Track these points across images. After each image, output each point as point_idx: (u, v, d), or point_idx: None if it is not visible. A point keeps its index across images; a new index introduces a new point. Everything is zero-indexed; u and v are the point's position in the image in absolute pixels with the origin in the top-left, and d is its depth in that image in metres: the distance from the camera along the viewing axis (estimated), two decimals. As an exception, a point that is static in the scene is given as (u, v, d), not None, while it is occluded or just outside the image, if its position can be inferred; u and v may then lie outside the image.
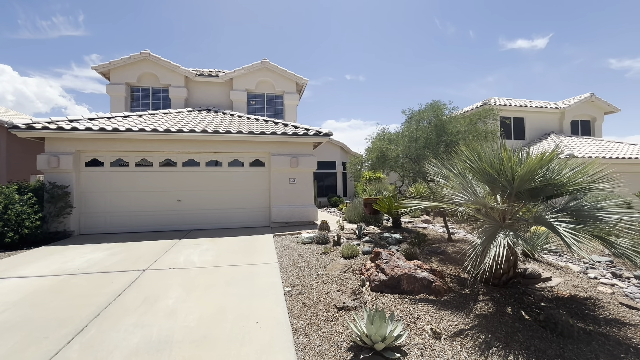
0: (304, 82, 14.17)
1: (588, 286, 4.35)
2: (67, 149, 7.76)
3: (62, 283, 4.28)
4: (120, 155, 8.28)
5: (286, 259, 5.33)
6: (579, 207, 3.20)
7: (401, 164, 6.69)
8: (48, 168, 7.54)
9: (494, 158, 3.64)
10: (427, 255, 5.33)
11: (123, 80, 12.50)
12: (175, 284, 4.24)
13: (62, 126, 7.47)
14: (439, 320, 3.19)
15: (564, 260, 5.76)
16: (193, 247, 6.34)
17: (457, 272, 4.61)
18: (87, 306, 3.52)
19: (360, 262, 4.89)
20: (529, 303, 3.65)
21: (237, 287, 4.10)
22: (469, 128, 6.28)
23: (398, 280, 3.84)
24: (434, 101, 6.62)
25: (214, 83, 13.58)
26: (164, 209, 8.45)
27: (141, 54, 12.41)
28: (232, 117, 11.02)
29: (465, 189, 3.70)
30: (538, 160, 3.18)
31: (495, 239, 3.26)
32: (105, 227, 8.04)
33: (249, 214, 9.00)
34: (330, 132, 9.14)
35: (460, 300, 3.66)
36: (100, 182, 8.12)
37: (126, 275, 4.59)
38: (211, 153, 8.81)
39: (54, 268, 4.94)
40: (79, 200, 7.89)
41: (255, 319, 3.24)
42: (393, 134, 7.15)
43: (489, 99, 15.82)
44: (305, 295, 3.83)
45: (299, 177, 9.15)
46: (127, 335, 2.91)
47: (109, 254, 5.84)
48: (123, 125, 8.02)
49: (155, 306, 3.53)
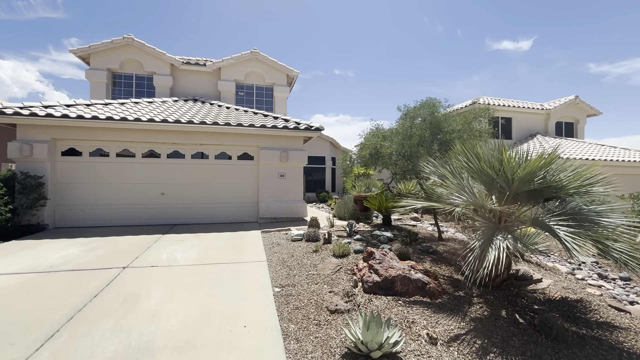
0: (294, 75, 13.86)
1: (577, 287, 4.38)
2: (42, 137, 7.26)
3: (33, 282, 3.97)
4: (100, 144, 7.83)
5: (275, 257, 5.15)
6: (578, 211, 3.16)
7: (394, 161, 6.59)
8: (20, 157, 7.04)
9: (493, 158, 3.55)
10: (420, 254, 5.26)
11: (104, 65, 11.85)
12: (158, 283, 4.00)
13: (35, 112, 6.97)
14: (434, 325, 3.11)
15: (551, 260, 5.82)
16: (177, 243, 6.07)
17: (450, 272, 4.55)
18: (59, 308, 3.25)
19: (352, 262, 4.77)
20: (523, 306, 3.62)
21: (224, 287, 3.90)
22: (464, 127, 6.22)
23: (392, 282, 3.74)
24: (429, 98, 6.52)
25: (202, 72, 13.09)
26: (147, 203, 8.09)
27: (124, 38, 11.78)
28: (220, 108, 10.65)
29: (463, 189, 3.60)
30: (539, 162, 3.10)
31: (494, 241, 3.19)
32: (83, 221, 7.61)
33: (236, 209, 8.74)
34: (322, 127, 8.95)
35: (454, 303, 3.59)
36: (78, 173, 7.66)
37: (105, 273, 4.31)
38: (197, 145, 8.47)
39: (23, 265, 4.59)
40: (55, 192, 7.43)
41: (243, 322, 3.06)
42: (387, 130, 7.02)
43: (478, 98, 15.92)
44: (295, 297, 3.67)
45: (289, 172, 8.93)
46: (102, 342, 2.68)
47: (86, 249, 5.50)
48: (103, 113, 7.57)
49: (135, 308, 3.30)
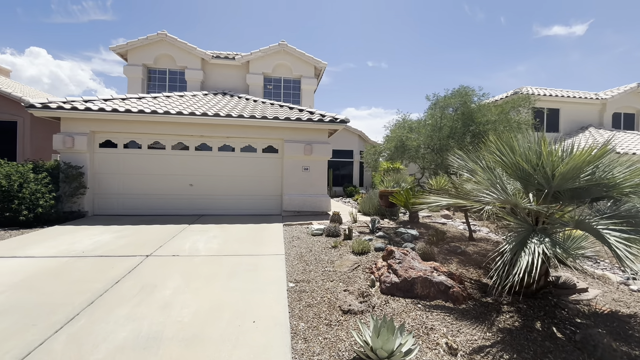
0: (322, 66, 13.62)
1: (631, 300, 3.82)
2: (82, 130, 7.75)
3: (65, 266, 4.21)
4: (133, 137, 8.21)
5: (293, 251, 5.07)
6: (635, 213, 2.70)
7: (422, 154, 6.18)
8: (63, 148, 7.58)
9: (531, 152, 3.14)
10: (446, 255, 4.91)
11: (140, 61, 12.43)
12: (176, 272, 4.07)
13: (76, 106, 7.44)
14: (455, 333, 2.83)
15: (600, 267, 5.18)
16: (201, 233, 6.20)
17: (478, 276, 4.18)
18: (83, 293, 3.40)
19: (372, 260, 4.55)
20: (562, 318, 3.21)
21: (239, 280, 3.88)
22: (500, 117, 5.64)
23: (412, 284, 3.48)
24: (461, 86, 5.98)
25: (231, 66, 13.28)
26: (176, 193, 8.39)
27: (158, 34, 12.24)
28: (247, 102, 10.74)
29: (494, 185, 3.23)
30: (585, 156, 2.67)
31: (527, 245, 2.83)
32: (117, 209, 8.08)
33: (260, 201, 8.80)
34: (347, 119, 8.69)
35: (481, 310, 3.26)
36: (114, 164, 8.11)
37: (128, 260, 4.48)
38: (224, 138, 8.60)
39: (60, 249, 4.92)
40: (93, 181, 7.93)
41: (253, 318, 3.00)
42: (414, 121, 6.59)
43: (521, 87, 14.68)
44: (309, 294, 3.55)
45: (313, 165, 8.81)
46: (116, 328, 2.74)
47: (117, 236, 5.79)
48: (136, 106, 7.91)
49: (151, 297, 3.37)
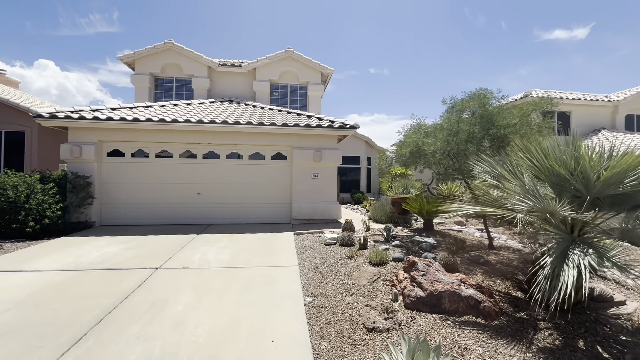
0: (329, 72, 13.56)
1: (674, 314, 3.56)
2: (90, 139, 7.68)
3: (72, 280, 4.05)
4: (141, 145, 8.12)
5: (307, 262, 4.87)
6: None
7: (438, 159, 5.98)
8: (71, 157, 7.50)
9: (566, 155, 2.94)
10: (468, 265, 4.67)
11: (147, 70, 12.46)
12: (187, 286, 3.89)
13: (84, 115, 7.38)
14: (493, 354, 2.60)
15: (631, 277, 4.89)
16: (210, 243, 6.03)
17: (506, 288, 3.94)
18: (91, 309, 3.23)
19: (391, 271, 4.33)
20: (605, 335, 2.96)
21: (253, 294, 3.69)
22: (522, 120, 5.44)
23: (438, 298, 3.26)
24: (479, 89, 5.79)
25: (237, 73, 13.27)
26: (184, 202, 8.25)
27: (165, 43, 12.28)
28: (254, 108, 10.66)
29: (527, 192, 3.02)
30: (633, 160, 2.47)
31: (569, 257, 2.61)
32: (125, 219, 7.94)
33: (269, 209, 8.62)
34: (357, 125, 8.55)
35: (515, 327, 3.03)
36: (121, 173, 8.01)
37: (138, 273, 4.31)
38: (232, 145, 8.48)
39: (67, 262, 4.77)
40: (100, 191, 7.83)
41: (271, 336, 2.79)
42: (430, 126, 6.41)
43: (530, 91, 14.45)
44: (328, 309, 3.34)
45: (322, 172, 8.64)
46: (126, 349, 2.56)
47: (124, 247, 5.63)
48: (144, 115, 7.83)
49: (162, 313, 3.18)
